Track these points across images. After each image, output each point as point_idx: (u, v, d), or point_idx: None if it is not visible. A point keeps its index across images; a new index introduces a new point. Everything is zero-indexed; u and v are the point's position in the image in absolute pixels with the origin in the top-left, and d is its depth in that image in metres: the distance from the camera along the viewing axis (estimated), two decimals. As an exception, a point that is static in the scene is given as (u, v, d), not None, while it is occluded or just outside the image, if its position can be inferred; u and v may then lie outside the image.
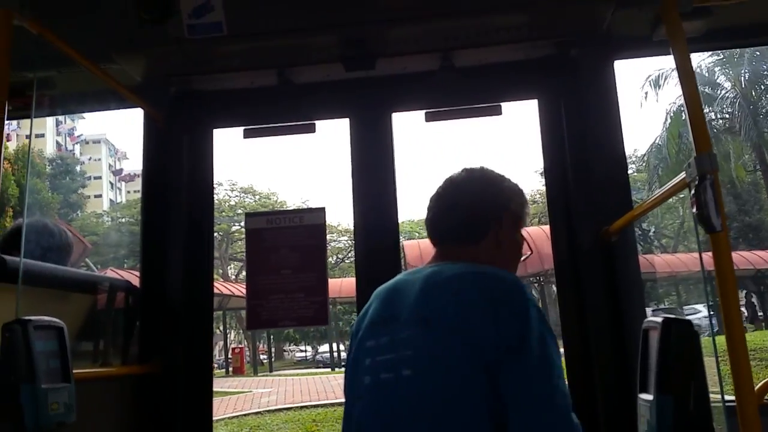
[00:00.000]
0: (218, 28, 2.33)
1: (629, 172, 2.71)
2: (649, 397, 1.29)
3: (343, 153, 2.69)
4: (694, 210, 1.36)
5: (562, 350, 1.38)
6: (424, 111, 2.65)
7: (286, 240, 2.62)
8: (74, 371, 1.58)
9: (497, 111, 2.57)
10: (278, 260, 2.60)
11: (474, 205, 1.44)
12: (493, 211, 1.45)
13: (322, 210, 2.75)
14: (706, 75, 23.78)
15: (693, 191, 1.37)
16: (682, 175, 1.46)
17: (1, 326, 1.44)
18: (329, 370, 26.40)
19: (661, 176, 22.13)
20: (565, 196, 2.38)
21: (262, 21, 2.36)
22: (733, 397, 1.24)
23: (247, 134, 2.70)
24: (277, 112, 2.74)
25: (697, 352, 1.27)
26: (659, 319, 1.32)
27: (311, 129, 2.73)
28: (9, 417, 1.38)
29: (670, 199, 1.85)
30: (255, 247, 2.64)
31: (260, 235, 2.64)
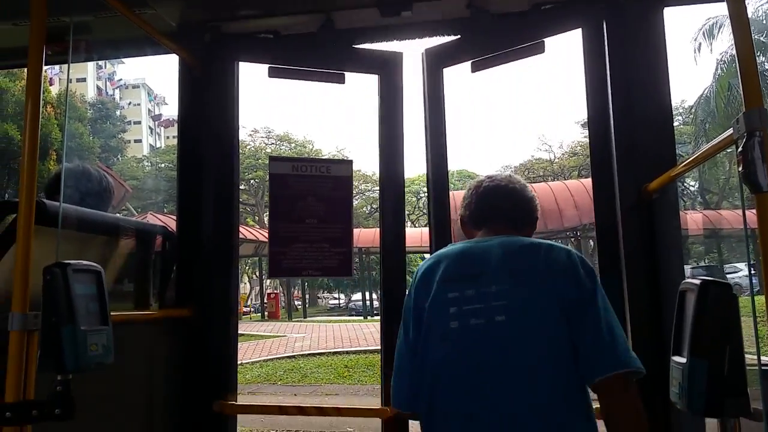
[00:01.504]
0: (253, -29, 2.29)
1: (675, 124, 2.61)
2: (682, 360, 1.26)
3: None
4: (740, 168, 1.30)
5: None
6: (470, 61, 2.59)
7: (311, 189, 2.61)
8: (112, 313, 1.63)
9: (540, 49, 2.48)
10: (304, 209, 2.59)
11: (533, 203, 1.88)
12: (536, 211, 1.90)
13: (349, 162, 2.77)
14: (764, 22, 22.38)
15: (740, 148, 1.30)
16: (730, 131, 1.39)
17: (42, 269, 1.48)
18: (361, 318, 26.91)
19: (708, 130, 21.26)
20: (608, 148, 2.30)
21: None
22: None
23: (272, 73, 2.67)
24: (311, 57, 2.70)
25: (735, 317, 1.23)
26: (697, 281, 1.27)
27: (341, 79, 2.71)
28: (50, 357, 1.44)
29: (717, 154, 1.75)
30: (279, 193, 2.62)
31: (285, 180, 2.61)
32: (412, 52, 2.77)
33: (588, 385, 1.53)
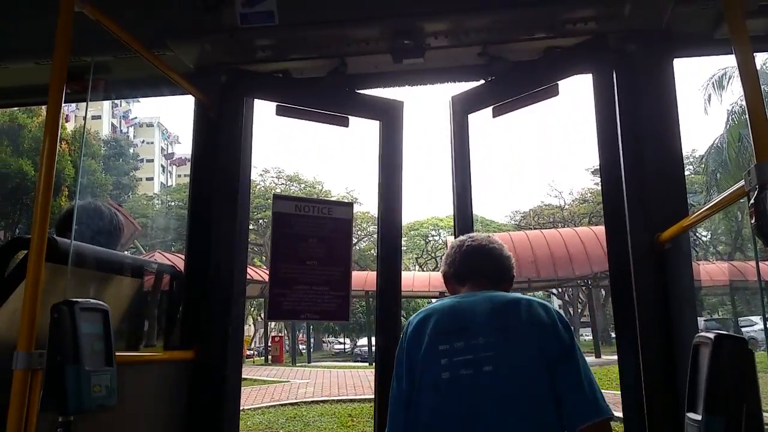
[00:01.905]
0: (270, 17, 2.35)
1: (686, 173, 2.62)
2: (698, 417, 1.23)
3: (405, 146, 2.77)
4: (753, 220, 1.29)
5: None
6: (492, 106, 2.66)
7: (313, 230, 2.61)
8: (117, 353, 1.62)
9: (555, 91, 2.54)
10: (305, 250, 2.58)
11: (510, 261, 2.03)
12: (513, 269, 2.05)
13: (350, 205, 2.81)
14: (773, 75, 22.58)
15: (752, 201, 1.29)
16: (741, 182, 1.38)
17: (50, 307, 1.47)
18: (366, 364, 26.53)
19: (719, 181, 21.23)
20: (620, 197, 2.30)
21: (312, 11, 2.37)
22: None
23: (279, 111, 2.71)
24: (317, 98, 2.75)
25: (751, 372, 1.20)
26: (711, 335, 1.25)
27: (345, 122, 2.77)
28: (53, 397, 1.42)
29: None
30: (282, 232, 2.62)
31: (288, 220, 2.62)
32: (433, 97, 2.88)
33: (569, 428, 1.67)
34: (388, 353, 2.44)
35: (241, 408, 2.82)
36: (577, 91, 2.68)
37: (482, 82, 2.68)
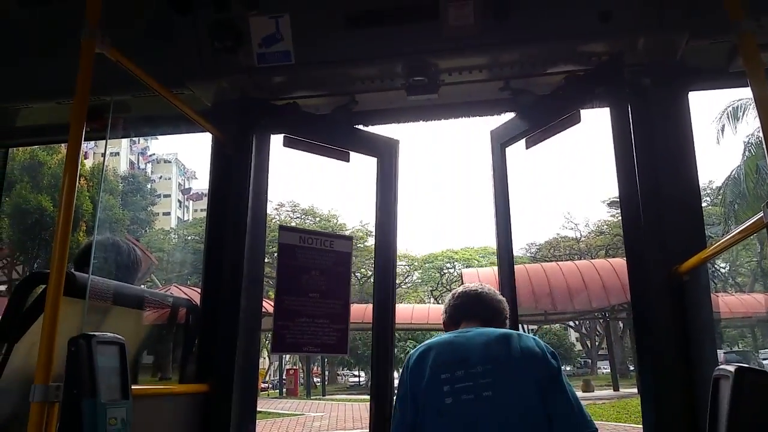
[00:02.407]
0: (287, 57, 2.41)
1: (703, 205, 2.62)
2: (720, 452, 1.20)
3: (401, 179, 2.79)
4: (772, 252, 1.27)
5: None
6: (524, 138, 2.71)
7: (315, 262, 2.62)
8: (133, 387, 1.62)
9: (577, 119, 2.55)
10: (308, 282, 2.59)
11: (502, 304, 2.26)
12: (505, 311, 2.27)
13: (350, 239, 2.88)
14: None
15: (771, 233, 1.29)
16: (760, 214, 1.38)
17: (68, 340, 1.49)
18: (382, 396, 26.13)
19: (737, 212, 21.01)
20: (639, 229, 2.29)
21: (328, 50, 2.43)
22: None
23: (286, 143, 2.75)
24: (321, 133, 2.80)
25: (774, 406, 1.18)
26: (731, 368, 1.23)
27: (346, 157, 2.82)
28: (70, 430, 1.42)
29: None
30: (287, 263, 2.61)
31: (293, 252, 2.62)
32: (446, 131, 2.92)
33: None
34: (381, 385, 2.52)
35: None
36: (592, 124, 2.71)
37: (513, 114, 2.73)
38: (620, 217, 2.46)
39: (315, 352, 2.57)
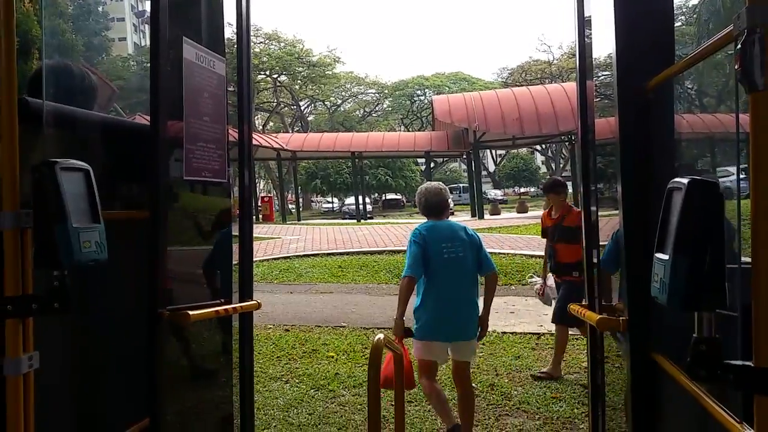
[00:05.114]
0: None
1: (677, 24, 2.55)
2: (665, 256, 1.28)
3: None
4: (737, 66, 1.25)
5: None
6: None
7: (206, 83, 2.43)
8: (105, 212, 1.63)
9: None
10: (203, 104, 2.40)
11: (449, 199, 4.46)
12: (449, 201, 4.43)
13: (223, 60, 2.57)
14: None
15: (739, 45, 1.25)
16: (730, 26, 1.33)
17: (30, 168, 1.47)
18: (354, 221, 27.17)
19: (711, 31, 20.62)
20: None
21: None
22: (749, 259, 1.23)
23: None
24: None
25: (719, 214, 1.24)
26: (685, 180, 1.27)
27: None
28: (45, 254, 1.45)
29: (718, 56, 1.70)
30: (191, 83, 2.37)
31: (192, 69, 2.37)
32: None
33: (480, 276, 4.32)
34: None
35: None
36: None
37: None
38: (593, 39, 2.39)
39: (209, 179, 2.45)
